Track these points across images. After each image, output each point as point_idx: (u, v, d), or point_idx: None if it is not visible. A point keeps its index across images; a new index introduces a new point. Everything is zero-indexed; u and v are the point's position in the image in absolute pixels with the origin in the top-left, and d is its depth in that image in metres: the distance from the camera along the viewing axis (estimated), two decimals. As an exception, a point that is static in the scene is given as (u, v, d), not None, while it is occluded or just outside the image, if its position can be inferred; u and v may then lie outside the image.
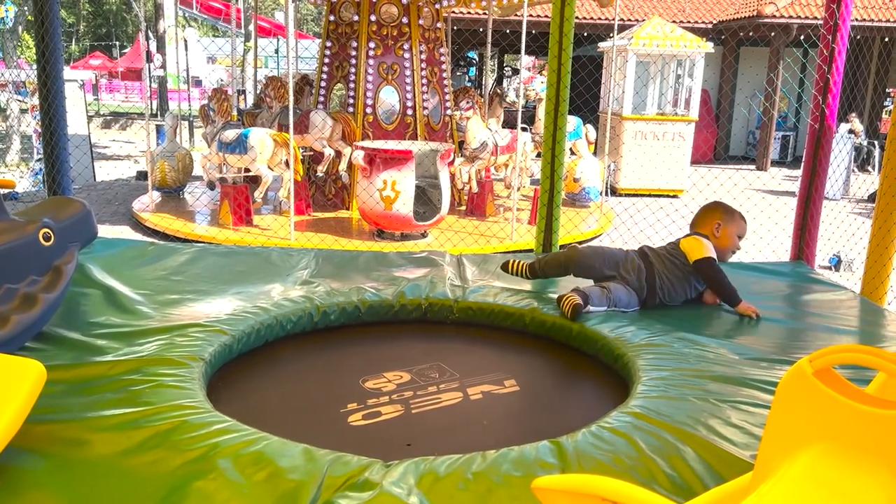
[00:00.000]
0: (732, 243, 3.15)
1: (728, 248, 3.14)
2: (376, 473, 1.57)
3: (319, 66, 8.70)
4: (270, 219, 7.71)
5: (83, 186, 9.86)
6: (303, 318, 2.74)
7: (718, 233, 3.10)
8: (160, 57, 19.35)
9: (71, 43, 34.16)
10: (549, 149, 4.05)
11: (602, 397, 2.32)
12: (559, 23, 3.85)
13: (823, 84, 3.82)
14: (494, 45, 11.03)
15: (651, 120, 11.17)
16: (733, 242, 3.15)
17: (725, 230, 3.11)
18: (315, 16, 28.92)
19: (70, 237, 2.53)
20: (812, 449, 1.10)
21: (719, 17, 15.75)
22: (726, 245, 3.13)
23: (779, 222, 6.63)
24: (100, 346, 2.29)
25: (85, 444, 1.70)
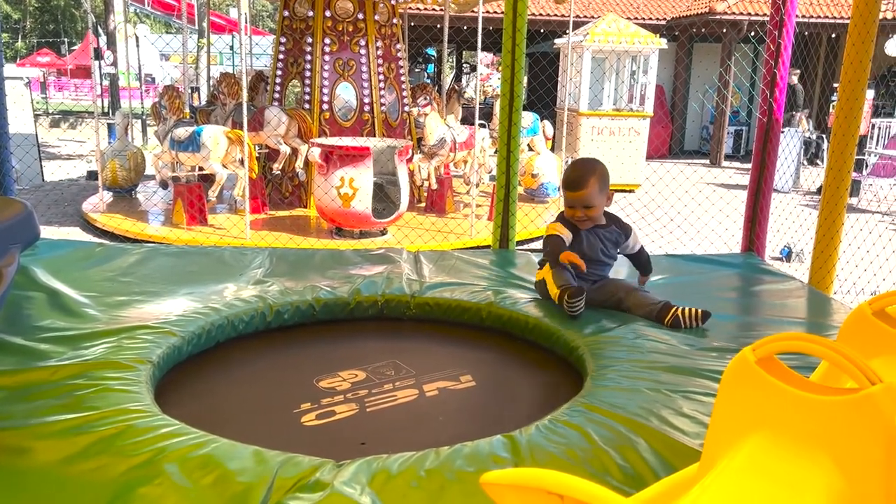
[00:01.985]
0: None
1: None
2: (328, 473, 1.55)
3: (274, 62, 8.59)
4: (225, 218, 7.59)
5: (31, 187, 9.58)
6: (255, 318, 2.70)
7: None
8: (111, 54, 18.89)
9: (17, 40, 33.20)
10: (504, 144, 4.06)
11: (557, 390, 2.33)
12: (512, 18, 3.85)
13: (770, 79, 3.90)
14: (451, 41, 11.02)
15: (607, 116, 11.30)
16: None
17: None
18: (270, 12, 28.57)
19: (10, 238, 2.44)
20: (755, 437, 1.12)
21: (672, 13, 15.99)
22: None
23: (730, 215, 6.76)
24: (43, 351, 2.22)
25: (25, 451, 1.64)
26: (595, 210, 2.82)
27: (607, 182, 2.83)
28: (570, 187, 2.81)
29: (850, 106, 3.46)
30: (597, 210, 2.83)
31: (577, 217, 2.83)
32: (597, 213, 2.84)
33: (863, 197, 10.27)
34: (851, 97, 3.45)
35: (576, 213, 2.82)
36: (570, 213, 2.84)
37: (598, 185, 2.78)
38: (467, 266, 3.49)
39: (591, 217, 2.84)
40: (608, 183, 2.84)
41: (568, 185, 2.82)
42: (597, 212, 2.84)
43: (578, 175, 2.80)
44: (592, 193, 2.77)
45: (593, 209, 2.81)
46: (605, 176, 2.83)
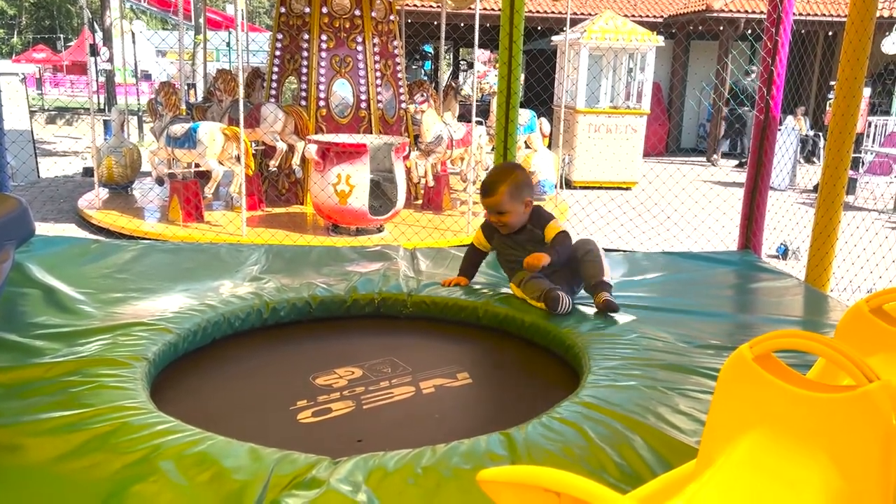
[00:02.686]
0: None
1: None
2: (324, 471, 1.55)
3: (270, 58, 8.57)
4: (221, 214, 7.57)
5: (26, 183, 9.55)
6: (251, 315, 2.69)
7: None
8: (107, 50, 18.82)
9: (13, 35, 33.08)
10: (500, 141, 4.05)
11: (554, 388, 2.32)
12: (509, 14, 3.85)
13: (768, 76, 3.90)
14: (448, 38, 11.01)
15: (604, 113, 11.29)
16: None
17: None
18: (267, 8, 28.51)
19: (4, 235, 2.43)
20: (753, 434, 1.12)
21: (669, 11, 15.99)
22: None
23: (727, 212, 6.77)
24: (38, 348, 2.21)
25: (19, 449, 1.63)
26: (508, 217, 2.80)
27: (523, 190, 2.79)
28: (482, 193, 2.83)
29: (847, 103, 3.46)
30: (510, 217, 2.80)
31: (493, 222, 2.86)
32: (510, 220, 2.81)
33: (859, 195, 10.29)
34: (849, 95, 3.45)
35: (491, 217, 2.86)
36: (490, 218, 2.89)
37: (510, 192, 2.74)
38: (464, 263, 3.47)
39: (506, 224, 2.82)
40: (524, 191, 2.79)
41: (481, 191, 2.84)
42: (510, 219, 2.80)
43: (491, 181, 2.80)
44: (503, 201, 2.75)
45: (506, 216, 2.79)
46: (521, 183, 2.79)
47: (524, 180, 2.81)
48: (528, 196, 2.81)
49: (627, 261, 3.67)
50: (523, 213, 2.81)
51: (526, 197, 2.80)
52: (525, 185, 2.80)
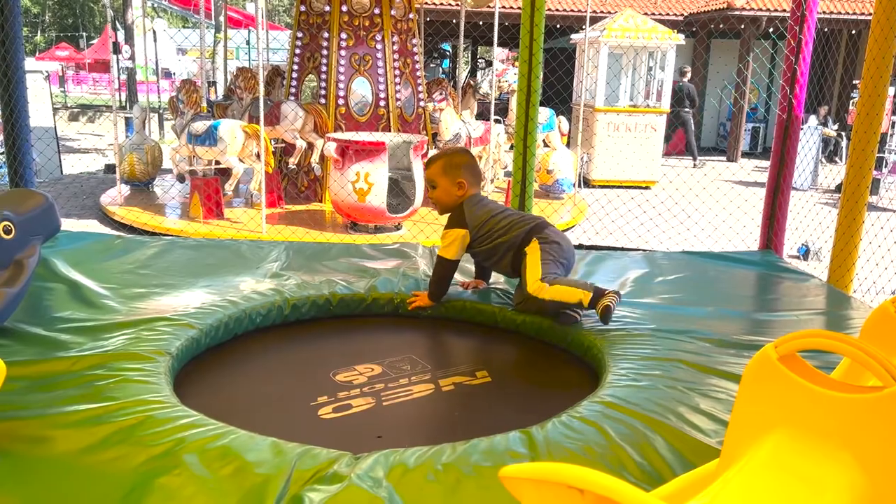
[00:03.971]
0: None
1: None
2: (345, 466, 1.56)
3: (290, 57, 8.61)
4: (241, 212, 7.62)
5: (50, 180, 9.67)
6: (272, 312, 2.71)
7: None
8: (128, 48, 19.00)
9: (36, 33, 33.49)
10: (521, 140, 4.05)
11: (573, 387, 2.32)
12: (530, 13, 3.84)
13: (791, 75, 3.86)
14: (467, 36, 11.02)
15: (623, 112, 11.23)
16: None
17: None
18: (286, 7, 28.63)
19: (32, 230, 2.47)
20: (777, 434, 1.11)
21: (690, 9, 15.87)
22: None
23: (748, 212, 6.71)
24: (63, 342, 2.24)
25: (46, 441, 1.66)
26: (437, 192, 2.82)
27: (460, 170, 2.78)
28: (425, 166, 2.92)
29: (871, 103, 3.42)
30: (439, 192, 2.81)
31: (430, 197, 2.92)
32: (438, 196, 2.82)
33: (883, 195, 10.16)
34: (873, 94, 3.40)
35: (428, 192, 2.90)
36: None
37: (444, 166, 2.79)
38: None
39: (435, 200, 2.86)
40: (461, 172, 2.78)
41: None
42: (438, 194, 2.82)
43: (433, 155, 2.90)
44: (434, 172, 2.81)
45: (436, 191, 2.82)
46: (459, 164, 2.79)
47: (464, 163, 2.80)
48: (462, 178, 2.78)
49: (647, 260, 3.65)
50: (455, 195, 2.79)
51: (459, 178, 2.77)
52: (464, 168, 2.79)
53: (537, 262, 2.66)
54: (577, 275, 3.34)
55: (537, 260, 2.67)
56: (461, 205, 2.81)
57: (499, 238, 2.76)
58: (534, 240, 2.71)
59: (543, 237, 2.72)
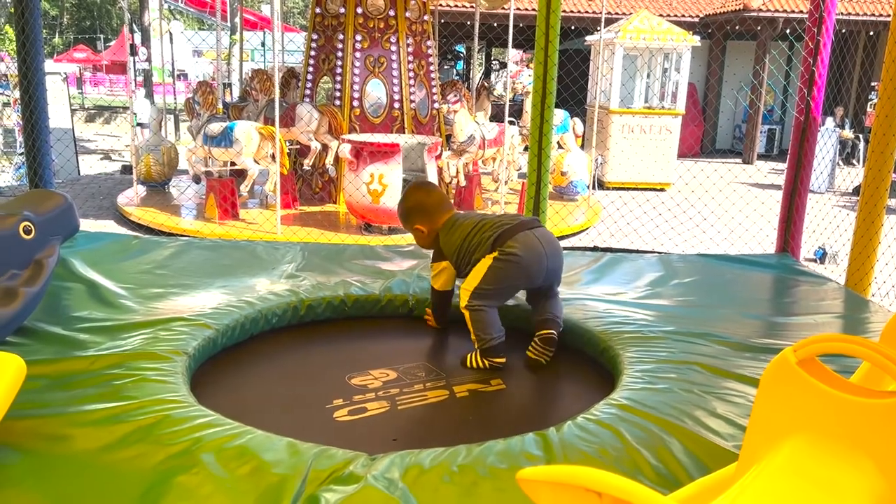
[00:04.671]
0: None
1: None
2: (361, 466, 1.56)
3: (306, 58, 8.65)
4: (256, 212, 7.66)
5: (67, 180, 9.77)
6: (288, 312, 2.72)
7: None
8: (145, 50, 19.17)
9: (54, 35, 33.83)
10: (535, 142, 4.04)
11: (588, 390, 2.31)
12: (545, 15, 3.83)
13: (808, 77, 3.83)
14: (482, 38, 11.02)
15: (638, 113, 11.20)
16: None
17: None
18: (301, 8, 28.76)
19: (51, 230, 2.50)
20: (795, 438, 1.10)
21: (706, 10, 15.80)
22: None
23: (764, 215, 6.67)
24: (82, 341, 2.27)
25: (65, 439, 1.68)
26: (415, 238, 2.72)
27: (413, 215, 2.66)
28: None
29: (891, 105, 3.38)
30: (414, 237, 2.72)
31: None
32: (415, 240, 2.75)
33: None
34: (893, 96, 3.37)
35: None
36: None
37: (402, 216, 2.72)
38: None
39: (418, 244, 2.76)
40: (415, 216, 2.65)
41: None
42: (415, 239, 2.74)
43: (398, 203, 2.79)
44: (401, 222, 2.75)
45: (412, 235, 2.72)
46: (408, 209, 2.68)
47: (414, 204, 2.67)
48: (418, 224, 2.65)
49: (662, 263, 3.64)
50: (424, 234, 2.66)
51: (416, 224, 2.65)
52: (415, 211, 2.66)
53: (480, 273, 2.46)
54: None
55: (481, 272, 2.46)
56: (436, 237, 2.64)
57: (474, 255, 2.53)
58: (494, 252, 2.47)
59: (505, 248, 2.44)
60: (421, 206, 2.66)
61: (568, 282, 3.22)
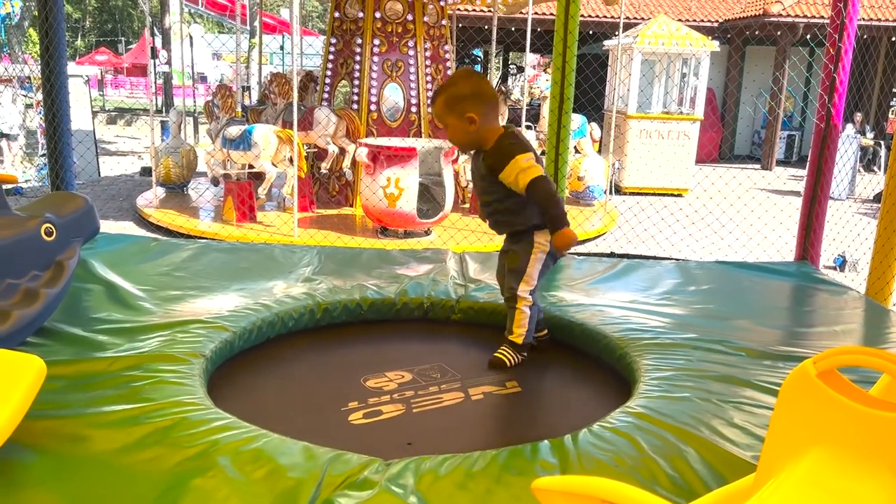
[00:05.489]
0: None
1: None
2: (376, 472, 1.57)
3: (324, 62, 8.69)
4: (274, 215, 7.70)
5: (87, 182, 9.87)
6: (304, 316, 2.74)
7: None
8: (165, 53, 19.35)
9: (77, 38, 34.23)
10: (553, 147, 4.03)
11: (604, 397, 2.30)
12: (564, 20, 3.83)
13: (830, 83, 3.80)
14: (499, 42, 11.02)
15: (656, 118, 11.14)
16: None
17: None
18: (320, 13, 28.91)
19: (72, 232, 2.53)
20: (815, 451, 1.09)
21: (725, 15, 15.70)
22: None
23: (784, 222, 6.61)
24: (101, 342, 2.29)
25: (84, 440, 1.69)
26: (448, 132, 2.39)
27: (466, 102, 2.31)
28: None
29: (913, 112, 3.34)
30: (449, 132, 2.38)
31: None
32: (451, 137, 2.40)
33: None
34: (915, 103, 3.33)
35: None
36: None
37: (447, 102, 2.34)
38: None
39: (451, 140, 2.42)
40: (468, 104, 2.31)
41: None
42: (449, 134, 2.40)
43: (435, 91, 2.41)
44: (439, 113, 2.38)
45: (448, 130, 2.38)
46: (462, 95, 2.33)
47: (470, 92, 2.33)
48: (473, 112, 2.32)
49: (680, 270, 3.61)
50: (468, 132, 2.33)
51: (469, 112, 2.31)
52: (471, 98, 2.32)
53: (535, 266, 2.44)
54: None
55: (535, 265, 2.43)
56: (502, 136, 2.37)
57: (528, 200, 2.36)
58: (545, 231, 2.40)
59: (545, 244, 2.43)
60: (480, 94, 2.35)
61: (585, 288, 3.21)
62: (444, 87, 2.39)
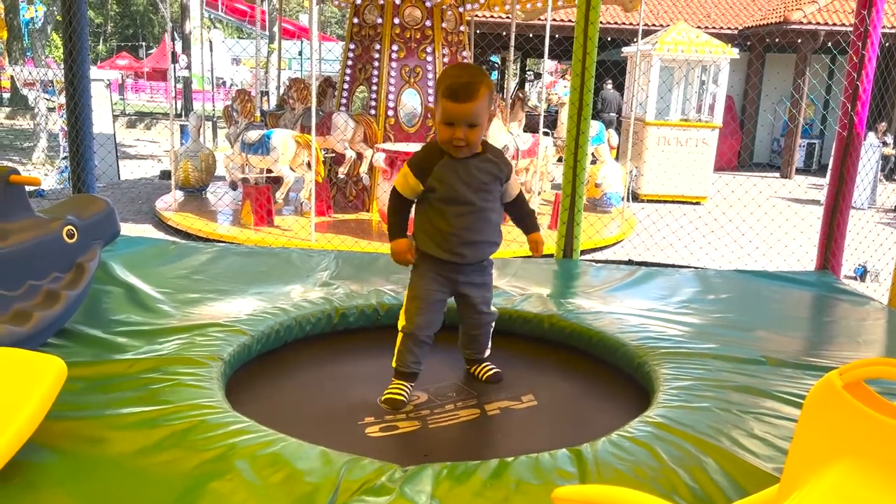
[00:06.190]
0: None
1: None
2: (393, 478, 1.56)
3: (342, 68, 8.73)
4: (291, 220, 7.74)
5: (108, 185, 9.97)
6: (321, 320, 2.74)
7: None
8: (185, 57, 19.54)
9: (98, 43, 34.63)
10: (571, 153, 4.02)
11: (622, 406, 2.28)
12: (584, 27, 3.82)
13: (853, 91, 3.76)
14: (518, 48, 11.02)
15: (675, 126, 11.08)
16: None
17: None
18: (339, 18, 29.08)
19: (93, 235, 2.55)
20: (841, 464, 1.07)
21: (745, 23, 15.60)
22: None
23: (804, 231, 6.55)
24: (120, 344, 2.30)
25: (103, 441, 1.70)
26: (478, 132, 2.13)
27: (492, 92, 2.16)
28: (457, 96, 2.06)
29: (938, 121, 3.30)
30: (479, 132, 2.14)
31: (456, 141, 2.10)
32: (478, 138, 2.15)
33: (946, 216, 9.79)
34: (941, 112, 3.29)
35: (455, 133, 2.09)
36: (448, 135, 2.10)
37: (489, 96, 2.11)
38: (530, 275, 3.46)
39: (472, 142, 2.13)
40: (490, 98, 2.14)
41: (453, 93, 2.06)
42: (479, 135, 2.14)
43: (469, 80, 2.08)
44: (482, 107, 2.09)
45: (477, 129, 2.12)
46: (493, 89, 2.18)
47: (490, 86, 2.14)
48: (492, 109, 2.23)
49: (699, 278, 3.58)
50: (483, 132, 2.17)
51: (492, 106, 2.21)
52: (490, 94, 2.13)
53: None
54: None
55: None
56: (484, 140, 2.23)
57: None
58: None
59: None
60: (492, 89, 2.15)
61: (602, 295, 3.19)
62: (478, 79, 2.09)
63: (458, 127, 2.08)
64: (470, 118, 2.07)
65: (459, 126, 2.08)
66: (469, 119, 2.07)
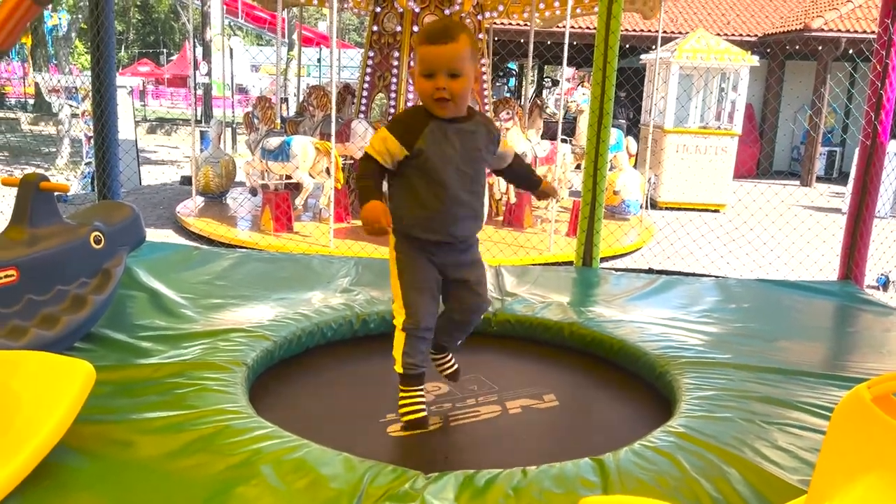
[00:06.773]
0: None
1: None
2: (416, 485, 1.57)
3: (361, 75, 8.78)
4: (311, 226, 7.78)
5: (130, 190, 10.08)
6: (343, 326, 2.76)
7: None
8: (206, 64, 19.74)
9: (120, 50, 35.04)
10: (591, 161, 4.02)
11: (644, 415, 2.28)
12: (604, 35, 3.82)
13: (876, 100, 3.73)
14: (536, 56, 11.04)
15: (694, 133, 11.03)
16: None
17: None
18: (357, 26, 29.25)
19: (120, 240, 2.59)
20: (870, 477, 1.07)
21: (765, 30, 15.51)
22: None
23: (826, 240, 6.49)
24: (146, 349, 2.33)
25: (130, 445, 1.73)
26: (463, 83, 1.92)
27: (477, 53, 1.99)
28: (434, 38, 1.90)
29: (964, 130, 3.27)
30: (464, 85, 1.92)
31: (438, 94, 1.91)
32: (463, 91, 1.93)
33: (970, 225, 9.66)
34: (966, 121, 3.26)
35: (437, 83, 1.90)
36: (427, 86, 1.92)
37: (470, 44, 1.92)
38: (550, 283, 3.47)
39: (457, 95, 1.92)
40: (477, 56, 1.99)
41: (430, 36, 1.91)
42: (464, 87, 1.93)
43: (447, 24, 1.94)
44: (463, 54, 1.90)
45: (461, 80, 1.91)
46: (476, 41, 2.02)
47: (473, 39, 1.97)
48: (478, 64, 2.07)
49: (720, 287, 3.57)
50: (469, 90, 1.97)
51: (477, 65, 2.04)
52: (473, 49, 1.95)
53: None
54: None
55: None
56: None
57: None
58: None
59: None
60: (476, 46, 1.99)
61: (623, 304, 3.19)
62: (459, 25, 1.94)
63: (439, 76, 1.89)
64: (450, 64, 1.88)
65: (440, 75, 1.89)
66: (450, 66, 1.88)
